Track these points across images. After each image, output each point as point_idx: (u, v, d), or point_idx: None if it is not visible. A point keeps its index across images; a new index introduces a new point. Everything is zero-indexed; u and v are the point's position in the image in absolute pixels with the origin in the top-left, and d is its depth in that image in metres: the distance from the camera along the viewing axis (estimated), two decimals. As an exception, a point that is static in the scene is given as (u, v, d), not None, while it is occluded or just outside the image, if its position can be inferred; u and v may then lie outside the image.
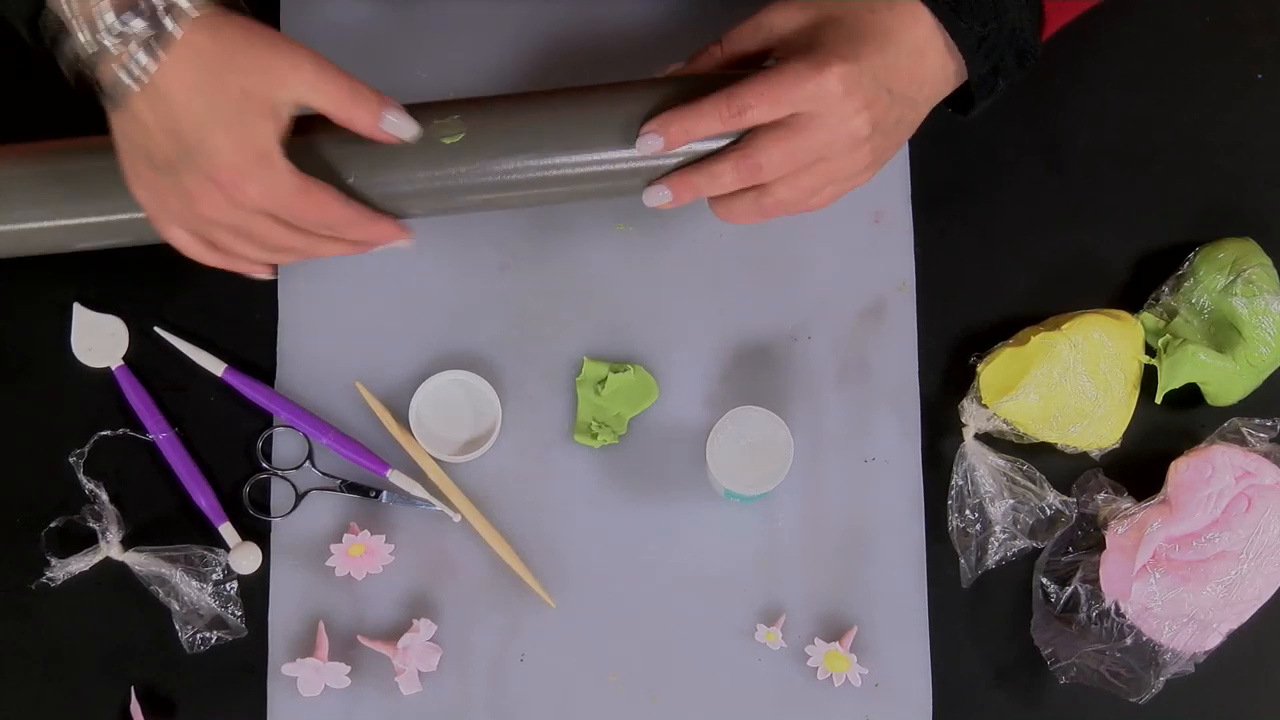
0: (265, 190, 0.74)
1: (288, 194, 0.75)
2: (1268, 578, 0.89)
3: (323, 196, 0.76)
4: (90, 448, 0.93)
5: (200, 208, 0.75)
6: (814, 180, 0.78)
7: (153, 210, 0.78)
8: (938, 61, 0.79)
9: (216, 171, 0.73)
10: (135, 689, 0.91)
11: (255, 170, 0.73)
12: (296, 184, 0.75)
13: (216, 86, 0.72)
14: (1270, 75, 0.99)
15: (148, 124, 0.73)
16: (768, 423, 0.87)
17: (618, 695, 0.92)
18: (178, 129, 0.73)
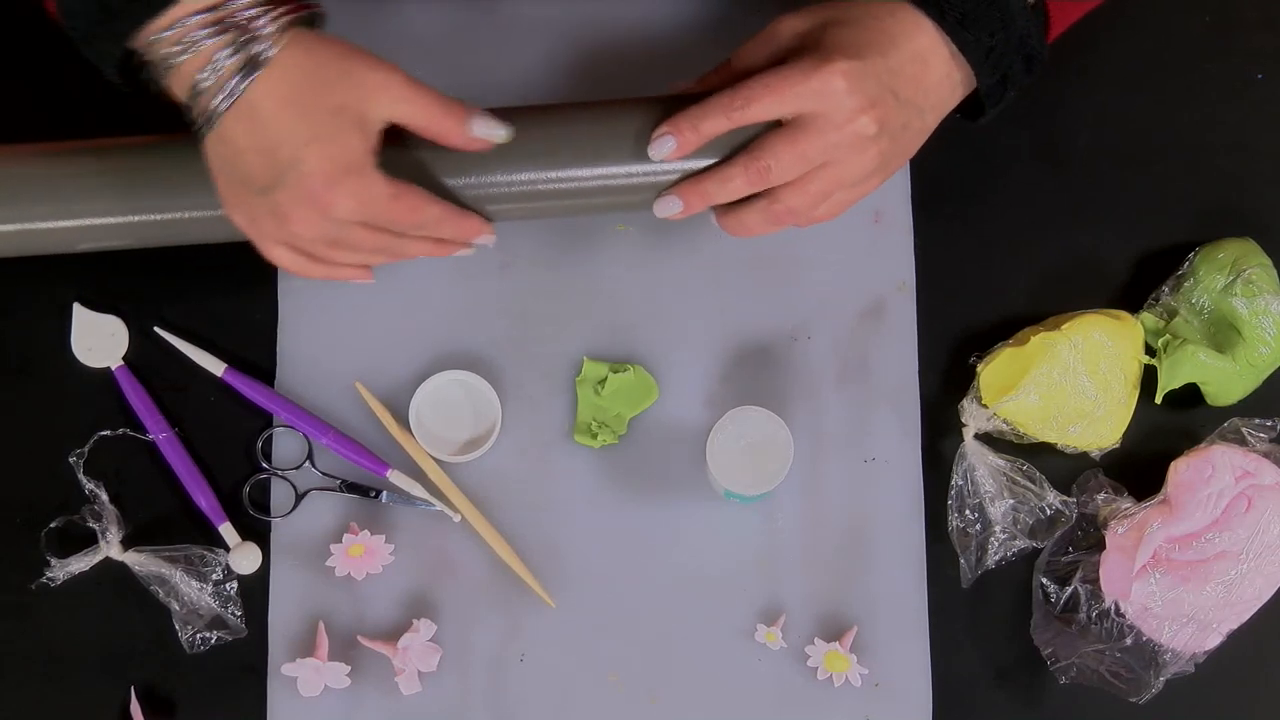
0: (359, 201, 0.75)
1: (383, 201, 0.76)
2: (1268, 578, 0.89)
3: (416, 199, 0.77)
4: (90, 448, 0.93)
5: (294, 225, 0.75)
6: (822, 184, 0.78)
7: (251, 232, 0.79)
8: (942, 70, 0.79)
9: (310, 187, 0.74)
10: (135, 689, 0.91)
11: (347, 181, 0.74)
12: (389, 190, 0.76)
13: (308, 102, 0.73)
14: (1270, 75, 0.99)
15: (239, 144, 0.74)
16: (768, 423, 0.87)
17: (618, 695, 0.92)
18: (270, 146, 0.73)
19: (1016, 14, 0.79)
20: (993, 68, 0.80)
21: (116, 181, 0.84)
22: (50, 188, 0.84)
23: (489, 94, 0.97)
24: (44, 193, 0.84)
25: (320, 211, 0.75)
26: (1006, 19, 0.79)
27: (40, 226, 0.85)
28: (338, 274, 0.81)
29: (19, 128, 0.87)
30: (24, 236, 0.85)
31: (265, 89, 0.73)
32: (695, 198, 0.80)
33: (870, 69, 0.76)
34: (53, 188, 0.84)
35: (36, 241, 0.86)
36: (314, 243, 0.77)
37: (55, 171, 0.84)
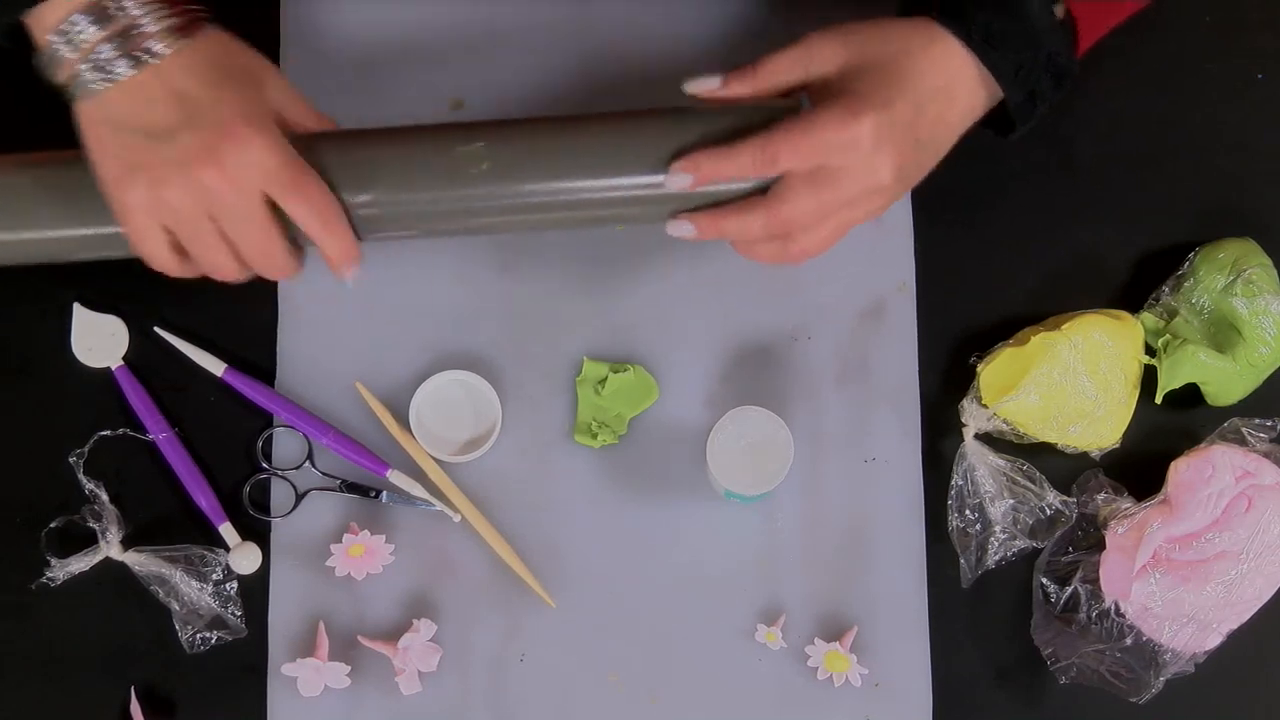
0: (267, 151, 0.74)
1: (290, 159, 0.75)
2: (1268, 578, 0.89)
3: (315, 179, 0.77)
4: (90, 448, 0.93)
5: (202, 173, 0.74)
6: (837, 227, 0.79)
7: (132, 199, 0.76)
8: (967, 102, 0.80)
9: (226, 123, 0.74)
10: (135, 689, 0.91)
11: (264, 124, 0.75)
12: (295, 157, 0.76)
13: (221, 62, 0.75)
14: (1271, 75, 0.99)
15: (151, 94, 0.74)
16: (768, 423, 0.87)
17: (618, 695, 0.92)
18: (185, 90, 0.74)
19: (1043, 31, 0.79)
20: (1021, 85, 0.80)
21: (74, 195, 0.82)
22: (47, 197, 0.82)
23: (488, 93, 0.98)
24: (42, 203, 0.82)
25: (234, 153, 0.73)
26: (1033, 36, 0.79)
27: (40, 236, 0.83)
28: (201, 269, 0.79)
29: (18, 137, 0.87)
30: (22, 246, 0.84)
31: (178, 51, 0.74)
32: (711, 231, 0.80)
33: (897, 118, 0.77)
34: (49, 197, 0.82)
35: (34, 251, 0.84)
36: (198, 219, 0.75)
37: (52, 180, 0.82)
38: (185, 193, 0.75)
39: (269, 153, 0.74)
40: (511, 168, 0.79)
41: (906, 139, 0.78)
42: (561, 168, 0.80)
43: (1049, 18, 0.79)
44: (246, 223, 0.76)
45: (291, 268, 0.80)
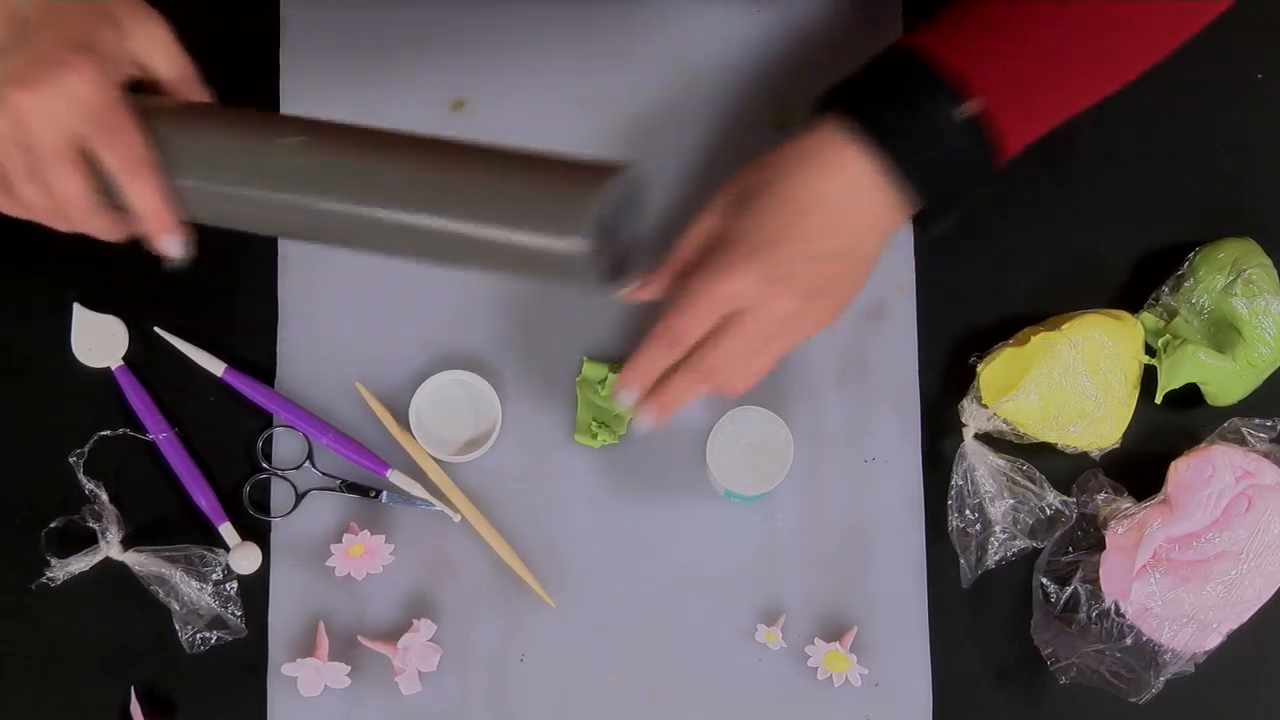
0: (93, 80, 0.70)
1: (111, 96, 0.71)
2: (1268, 578, 0.89)
3: (132, 127, 0.72)
4: (90, 448, 0.93)
5: (14, 95, 0.70)
6: (766, 359, 0.82)
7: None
8: (864, 204, 0.80)
9: (54, 48, 0.70)
10: (135, 689, 0.91)
11: (92, 55, 0.70)
12: (119, 96, 0.72)
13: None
14: (1271, 75, 0.99)
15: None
16: (768, 423, 0.87)
17: (618, 695, 0.92)
18: (25, 14, 0.71)
19: (944, 129, 0.77)
20: (923, 184, 0.79)
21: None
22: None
23: (488, 93, 0.98)
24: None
25: (51, 79, 0.70)
26: (936, 137, 0.78)
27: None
28: (19, 202, 0.75)
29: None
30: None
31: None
32: (664, 413, 0.82)
33: (773, 256, 0.79)
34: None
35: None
36: (12, 141, 0.71)
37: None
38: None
39: (91, 88, 0.70)
40: (318, 174, 0.74)
41: (791, 263, 0.79)
42: (366, 190, 0.73)
43: (953, 118, 0.77)
44: (53, 160, 0.72)
45: (109, 228, 0.75)
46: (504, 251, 0.72)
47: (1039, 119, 0.81)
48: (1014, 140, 0.79)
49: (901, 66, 0.79)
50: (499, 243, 0.72)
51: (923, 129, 0.78)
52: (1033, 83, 0.79)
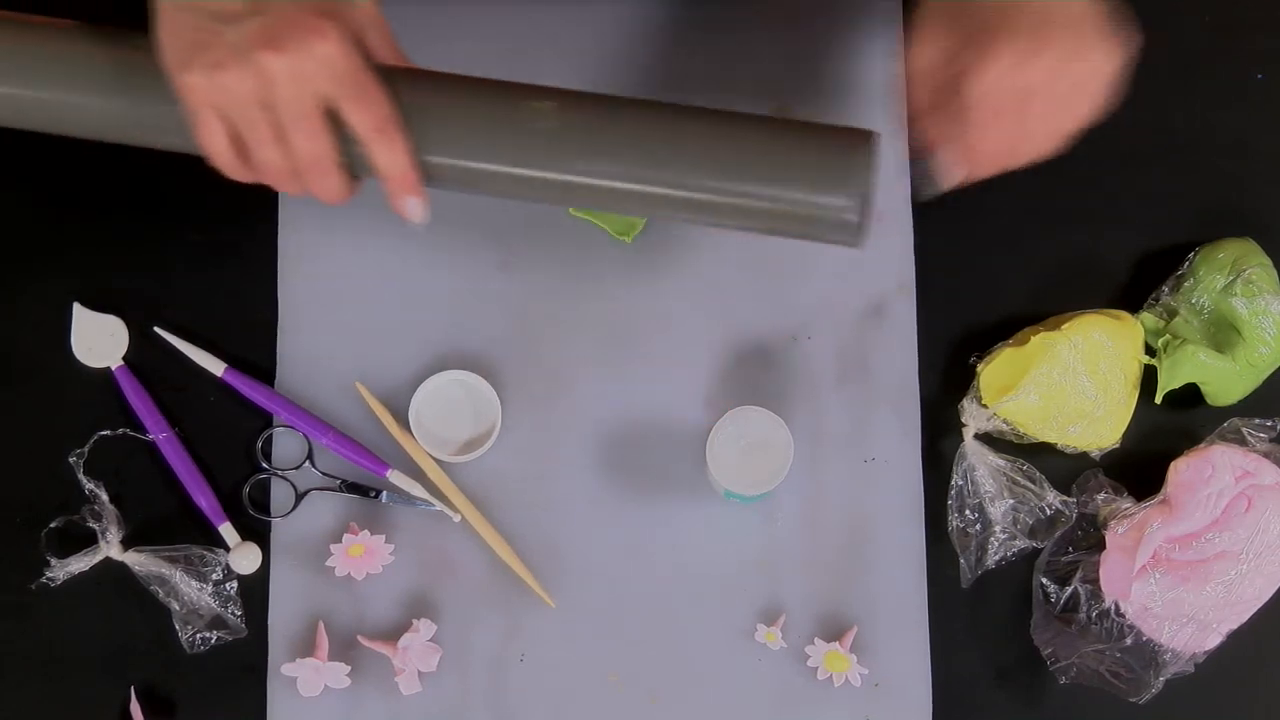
0: (341, 44, 0.71)
1: (359, 62, 0.72)
2: (1268, 578, 0.89)
3: (380, 88, 0.74)
4: (90, 448, 0.93)
5: (263, 58, 0.70)
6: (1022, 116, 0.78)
7: (193, 83, 0.73)
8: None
9: (298, 13, 0.71)
10: (135, 689, 0.91)
11: (337, 19, 0.72)
12: (365, 59, 0.73)
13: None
14: (1270, 75, 0.99)
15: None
16: (768, 423, 0.87)
17: (618, 695, 0.92)
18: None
19: None
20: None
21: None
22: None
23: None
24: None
25: (300, 42, 0.70)
26: None
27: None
28: (259, 174, 0.76)
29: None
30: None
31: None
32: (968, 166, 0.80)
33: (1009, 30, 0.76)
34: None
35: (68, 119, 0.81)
36: (257, 102, 0.72)
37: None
38: (243, 77, 0.72)
39: (339, 51, 0.71)
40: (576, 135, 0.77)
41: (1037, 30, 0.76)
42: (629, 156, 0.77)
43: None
44: (300, 120, 0.73)
45: (341, 189, 0.76)
46: (779, 214, 0.76)
47: None
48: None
49: None
50: (776, 208, 0.76)
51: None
52: None
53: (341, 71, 0.72)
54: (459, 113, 0.77)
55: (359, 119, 0.74)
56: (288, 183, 0.76)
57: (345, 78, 0.72)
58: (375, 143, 0.74)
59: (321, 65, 0.71)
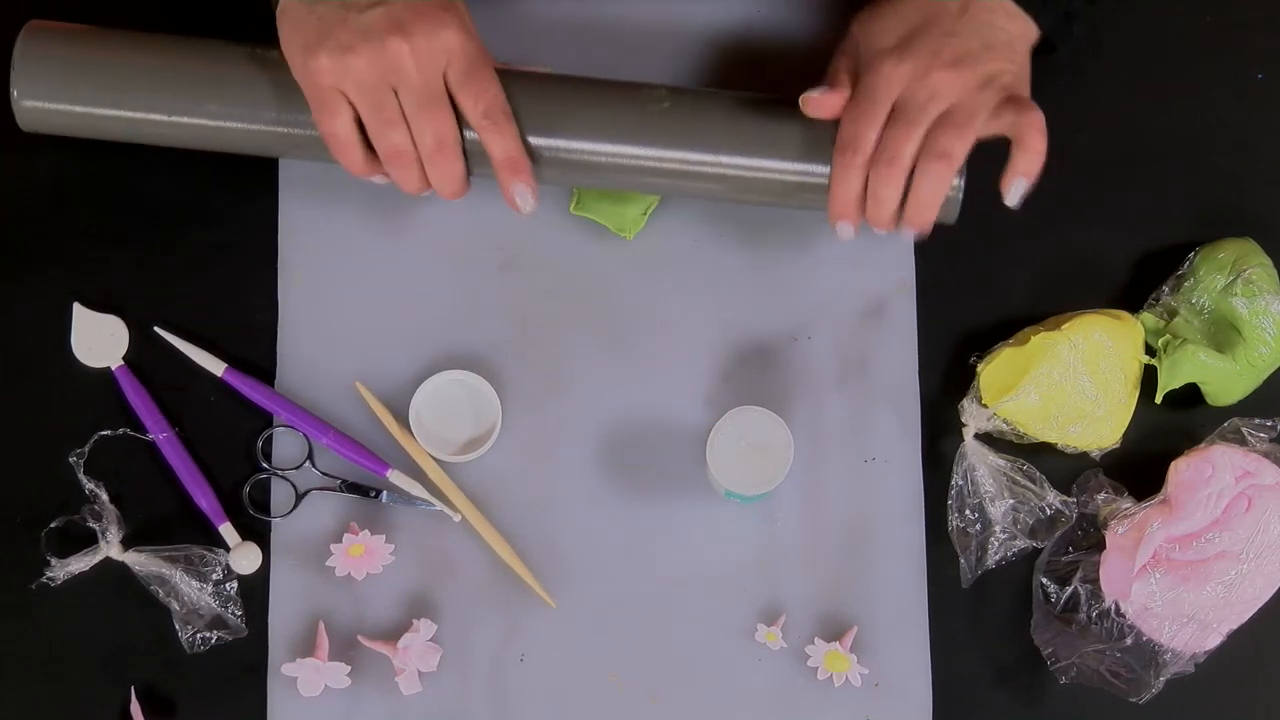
0: (461, 31, 0.77)
1: (476, 50, 0.77)
2: (1268, 578, 0.89)
3: (493, 76, 0.78)
4: (90, 448, 0.93)
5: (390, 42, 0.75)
6: (957, 119, 0.80)
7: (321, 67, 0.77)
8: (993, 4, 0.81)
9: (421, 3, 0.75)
10: (135, 689, 0.91)
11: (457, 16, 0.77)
12: (482, 48, 0.78)
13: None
14: (1270, 75, 0.99)
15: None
16: (768, 423, 0.87)
17: (618, 695, 0.92)
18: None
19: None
20: (1050, 9, 0.82)
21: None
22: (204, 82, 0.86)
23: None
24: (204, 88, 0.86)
25: (424, 28, 0.75)
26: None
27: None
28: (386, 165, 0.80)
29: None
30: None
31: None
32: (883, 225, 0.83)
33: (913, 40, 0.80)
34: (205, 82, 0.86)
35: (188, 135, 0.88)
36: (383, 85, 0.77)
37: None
38: (371, 60, 0.76)
39: (459, 36, 0.76)
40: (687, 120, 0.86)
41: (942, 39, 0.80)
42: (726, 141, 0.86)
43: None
44: (427, 102, 0.77)
45: (462, 176, 0.80)
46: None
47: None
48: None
49: None
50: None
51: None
52: None
53: (462, 58, 0.77)
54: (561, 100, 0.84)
55: (474, 104, 0.78)
56: (410, 170, 0.80)
57: (465, 64, 0.77)
58: (488, 129, 0.79)
59: (443, 51, 0.76)
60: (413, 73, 0.76)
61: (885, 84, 0.80)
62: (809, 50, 0.97)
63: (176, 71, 0.86)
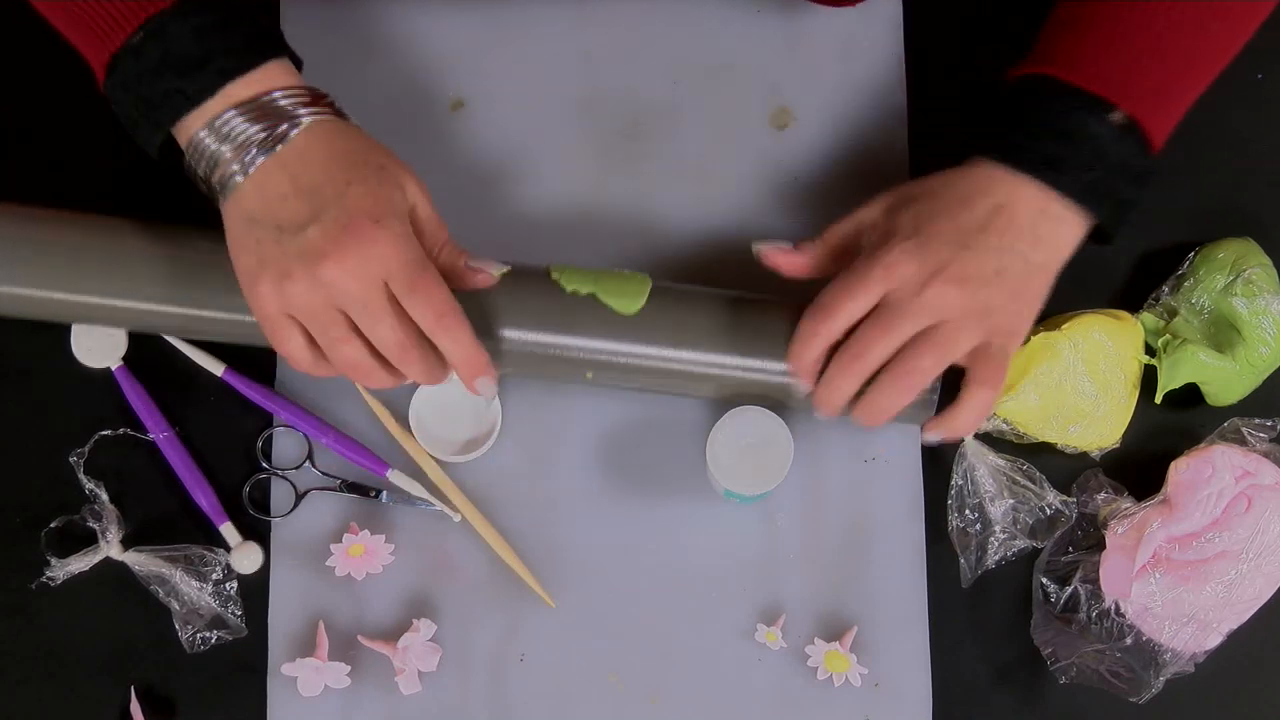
0: (394, 245, 0.75)
1: (413, 258, 0.76)
2: (1268, 577, 0.89)
3: (438, 280, 0.77)
4: (90, 448, 0.93)
5: (323, 268, 0.74)
6: (931, 349, 0.79)
7: (264, 295, 0.77)
8: (1035, 208, 0.79)
9: (352, 218, 0.75)
10: (135, 689, 0.91)
11: (389, 223, 0.75)
12: (420, 255, 0.77)
13: (354, 157, 0.77)
14: (1270, 75, 0.99)
15: (281, 190, 0.76)
16: (768, 423, 0.87)
17: (618, 695, 0.92)
18: (314, 186, 0.75)
19: (1108, 143, 0.79)
20: (1101, 199, 0.80)
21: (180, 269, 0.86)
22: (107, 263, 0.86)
23: (489, 94, 0.98)
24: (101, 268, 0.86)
25: (358, 247, 0.74)
26: (1099, 151, 0.79)
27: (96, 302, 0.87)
28: (336, 364, 0.79)
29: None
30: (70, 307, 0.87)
31: (311, 139, 0.76)
32: (825, 406, 0.82)
33: (933, 238, 0.78)
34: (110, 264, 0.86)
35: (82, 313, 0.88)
36: (327, 312, 0.76)
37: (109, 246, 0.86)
38: (309, 287, 0.75)
39: (392, 249, 0.75)
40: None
41: (952, 250, 0.78)
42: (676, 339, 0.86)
43: (1107, 129, 0.79)
44: (375, 315, 0.76)
45: (437, 365, 0.80)
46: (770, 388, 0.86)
47: (1168, 110, 0.82)
48: (1158, 131, 0.81)
49: (1037, 95, 0.80)
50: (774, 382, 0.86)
51: (1083, 147, 0.79)
52: (1165, 80, 0.80)
53: (400, 268, 0.75)
54: (512, 293, 0.84)
55: (420, 312, 0.77)
56: (373, 376, 0.79)
57: (400, 273, 0.76)
58: (440, 334, 0.78)
59: (378, 265, 0.75)
60: (353, 292, 0.75)
61: (883, 273, 0.79)
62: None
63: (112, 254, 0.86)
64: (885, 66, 0.98)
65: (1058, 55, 0.81)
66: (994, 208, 0.79)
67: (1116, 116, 0.79)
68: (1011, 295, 0.80)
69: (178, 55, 0.75)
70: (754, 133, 0.97)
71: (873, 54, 0.98)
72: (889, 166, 0.96)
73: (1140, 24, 0.79)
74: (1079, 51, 0.80)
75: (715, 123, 0.97)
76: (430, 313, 0.77)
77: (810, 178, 0.97)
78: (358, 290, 0.75)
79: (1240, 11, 0.81)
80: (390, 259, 0.75)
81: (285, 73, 0.78)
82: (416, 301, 0.77)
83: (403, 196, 0.78)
